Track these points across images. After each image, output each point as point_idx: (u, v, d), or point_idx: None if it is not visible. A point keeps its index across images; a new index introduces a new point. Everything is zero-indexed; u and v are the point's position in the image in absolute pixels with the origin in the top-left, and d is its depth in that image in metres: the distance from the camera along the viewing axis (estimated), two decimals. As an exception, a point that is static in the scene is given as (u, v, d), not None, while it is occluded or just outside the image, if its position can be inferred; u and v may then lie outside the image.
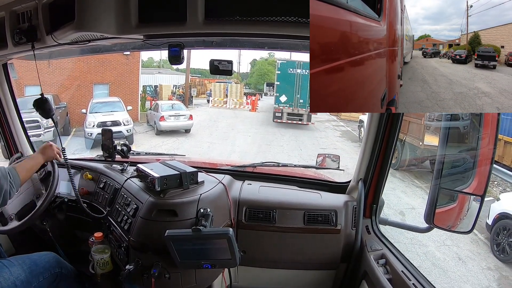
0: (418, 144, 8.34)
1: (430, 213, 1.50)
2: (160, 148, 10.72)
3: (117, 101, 12.18)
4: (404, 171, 8.65)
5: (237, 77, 29.31)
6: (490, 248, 5.53)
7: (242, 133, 12.69)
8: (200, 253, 1.53)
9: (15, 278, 1.68)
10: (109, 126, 8.78)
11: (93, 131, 10.30)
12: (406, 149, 8.76)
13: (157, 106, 13.43)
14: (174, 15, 1.34)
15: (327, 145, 11.87)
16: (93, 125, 10.51)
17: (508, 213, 5.25)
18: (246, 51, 32.24)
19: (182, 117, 12.66)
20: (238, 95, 19.54)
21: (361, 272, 1.82)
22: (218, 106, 19.15)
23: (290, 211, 1.92)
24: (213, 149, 10.93)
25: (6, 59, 2.22)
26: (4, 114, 2.43)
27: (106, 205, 1.99)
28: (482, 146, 1.37)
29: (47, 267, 1.83)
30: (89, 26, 1.34)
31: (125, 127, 10.81)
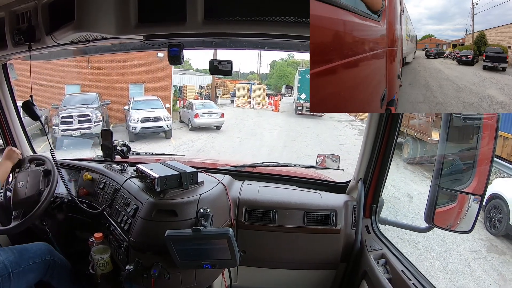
0: (426, 139, 9.10)
1: (430, 212, 1.50)
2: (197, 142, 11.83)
3: (156, 100, 13.25)
4: (416, 165, 9.36)
5: (257, 78, 30.77)
6: (483, 225, 6.44)
7: (268, 131, 13.60)
8: (200, 253, 1.53)
9: (4, 259, 1.73)
10: (152, 122, 11.53)
11: (137, 125, 11.61)
12: (417, 144, 9.45)
13: (191, 105, 14.50)
14: (174, 15, 1.33)
15: (346, 141, 12.49)
16: (137, 120, 11.65)
17: (499, 194, 6.25)
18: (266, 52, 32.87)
19: (214, 115, 13.67)
20: (261, 95, 20.40)
21: (361, 272, 1.82)
22: (242, 106, 19.93)
23: (290, 211, 1.92)
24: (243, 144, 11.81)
25: (6, 60, 2.22)
26: (4, 114, 2.43)
27: (106, 206, 1.99)
28: (482, 146, 1.37)
29: (39, 254, 1.86)
30: (88, 27, 1.34)
31: (165, 122, 11.93)
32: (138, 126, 11.65)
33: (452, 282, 4.99)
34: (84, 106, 11.42)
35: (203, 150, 11.05)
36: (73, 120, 10.70)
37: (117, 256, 1.84)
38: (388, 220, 1.98)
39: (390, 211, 6.65)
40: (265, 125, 14.70)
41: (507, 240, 6.02)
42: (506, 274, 5.21)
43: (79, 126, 10.59)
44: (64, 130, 10.49)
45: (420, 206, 7.03)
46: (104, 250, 1.91)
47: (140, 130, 11.65)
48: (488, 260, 5.52)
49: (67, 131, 10.54)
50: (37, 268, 1.83)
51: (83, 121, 10.62)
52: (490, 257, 5.64)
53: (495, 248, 5.86)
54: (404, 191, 7.78)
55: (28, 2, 1.56)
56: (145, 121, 11.72)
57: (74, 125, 10.63)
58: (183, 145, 11.51)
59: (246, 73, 35.77)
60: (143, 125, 11.73)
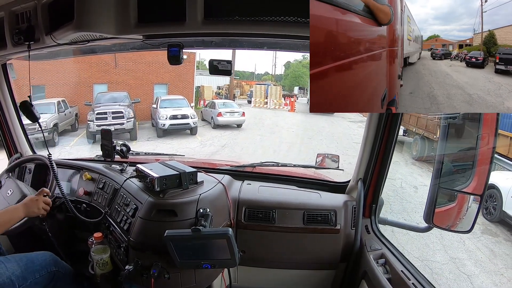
0: (432, 138, 9.71)
1: (429, 212, 1.50)
2: (221, 139, 12.64)
3: (182, 99, 14.32)
4: (423, 162, 9.95)
5: (272, 79, 31.65)
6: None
7: (285, 129, 14.36)
8: (199, 253, 1.53)
9: (10, 274, 1.68)
10: (179, 119, 12.51)
11: (166, 122, 12.57)
12: (425, 142, 10.10)
13: (213, 104, 15.39)
14: (173, 15, 1.33)
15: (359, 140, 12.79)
16: (165, 118, 12.60)
17: (494, 184, 6.73)
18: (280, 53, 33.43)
19: (236, 114, 14.55)
20: (278, 96, 21.35)
21: (361, 272, 1.82)
22: (259, 106, 20.71)
23: (289, 211, 1.92)
24: (264, 140, 12.64)
25: (5, 60, 2.21)
26: (3, 114, 2.43)
27: (105, 206, 1.99)
28: (482, 146, 1.37)
29: (44, 265, 1.83)
30: (88, 26, 1.34)
31: (191, 120, 12.91)
32: (167, 123, 12.57)
33: (447, 254, 5.53)
34: (117, 104, 12.54)
35: (227, 146, 11.86)
36: (107, 116, 11.70)
37: (116, 256, 1.84)
38: (387, 220, 1.98)
39: (397, 198, 7.21)
40: (282, 124, 15.44)
41: (501, 225, 6.53)
42: (496, 251, 5.78)
43: (112, 122, 11.52)
44: (98, 125, 11.16)
45: (424, 195, 7.29)
46: (104, 250, 1.91)
47: (169, 126, 12.61)
48: (482, 240, 6.05)
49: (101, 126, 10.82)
50: (42, 281, 1.81)
51: (117, 117, 11.68)
52: (484, 237, 6.15)
53: (489, 231, 6.38)
54: (411, 183, 8.39)
55: (27, 2, 1.56)
56: (173, 118, 12.59)
57: (108, 121, 11.51)
58: (208, 141, 12.35)
59: (261, 74, 36.20)
60: (171, 122, 12.62)
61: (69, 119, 13.31)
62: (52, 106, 12.03)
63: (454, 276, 5.04)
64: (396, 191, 7.49)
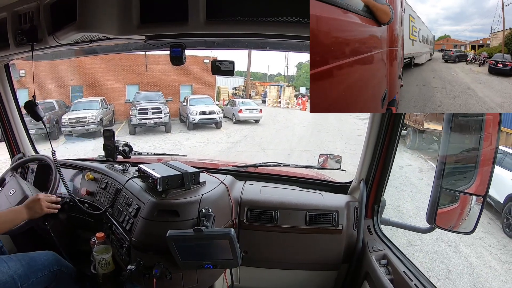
0: (420, 128, 11.30)
1: (432, 213, 1.49)
2: (242, 131, 14.61)
3: (208, 98, 16.53)
4: (415, 149, 11.44)
5: (284, 79, 33.18)
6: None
7: (297, 125, 16.26)
8: (201, 254, 1.53)
9: (13, 272, 1.69)
10: (207, 114, 14.69)
11: (196, 117, 14.67)
12: (416, 133, 11.59)
13: (234, 102, 17.65)
14: (176, 15, 1.34)
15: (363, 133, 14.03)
16: (196, 113, 14.69)
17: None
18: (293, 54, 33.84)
19: (254, 111, 16.63)
20: (290, 96, 22.91)
21: (363, 273, 1.82)
22: (274, 105, 22.37)
23: (291, 212, 1.92)
24: (279, 133, 14.52)
25: (8, 60, 2.23)
26: (6, 114, 2.44)
27: (107, 206, 2.00)
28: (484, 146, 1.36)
29: (46, 265, 1.83)
30: (91, 27, 1.35)
31: (217, 115, 14.99)
32: (197, 117, 14.68)
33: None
34: (155, 101, 14.70)
35: (249, 136, 13.84)
36: (147, 111, 13.83)
37: (119, 256, 1.84)
38: (390, 221, 1.97)
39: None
40: (295, 121, 17.53)
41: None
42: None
43: (152, 117, 13.88)
44: (140, 119, 13.80)
45: (407, 174, 9.11)
46: (106, 250, 1.91)
47: (199, 120, 14.71)
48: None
49: (142, 119, 13.85)
50: (45, 280, 1.81)
51: (156, 113, 13.86)
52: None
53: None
54: (397, 163, 9.29)
55: (30, 3, 1.57)
56: (202, 113, 14.68)
57: (149, 116, 13.84)
58: (232, 133, 14.33)
59: (273, 75, 36.99)
60: (201, 117, 14.71)
61: (109, 115, 15.31)
62: (97, 103, 14.11)
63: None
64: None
